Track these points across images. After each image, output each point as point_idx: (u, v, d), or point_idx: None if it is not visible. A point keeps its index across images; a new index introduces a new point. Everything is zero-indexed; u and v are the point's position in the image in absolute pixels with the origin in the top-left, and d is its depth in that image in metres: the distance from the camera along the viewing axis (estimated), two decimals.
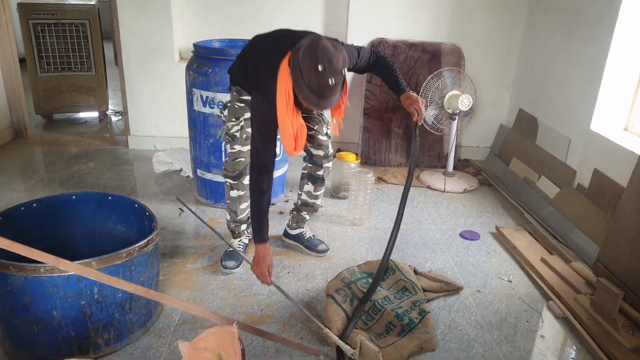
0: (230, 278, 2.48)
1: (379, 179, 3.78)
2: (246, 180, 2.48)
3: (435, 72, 3.62)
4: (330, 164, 2.61)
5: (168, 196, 3.38)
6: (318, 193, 2.66)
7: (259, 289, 2.40)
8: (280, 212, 3.19)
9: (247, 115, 2.34)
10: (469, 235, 3.00)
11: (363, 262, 2.58)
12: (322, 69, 1.77)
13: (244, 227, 2.63)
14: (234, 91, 2.40)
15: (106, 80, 4.99)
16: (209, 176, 3.18)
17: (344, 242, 2.88)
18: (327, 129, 2.52)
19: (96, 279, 1.67)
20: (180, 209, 3.19)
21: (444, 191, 3.65)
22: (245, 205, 2.53)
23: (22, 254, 1.51)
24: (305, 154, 2.61)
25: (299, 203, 2.73)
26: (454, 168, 3.90)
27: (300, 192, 2.70)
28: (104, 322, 1.89)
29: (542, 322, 2.27)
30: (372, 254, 2.74)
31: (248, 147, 2.41)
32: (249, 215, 2.55)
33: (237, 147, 2.41)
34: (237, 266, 2.55)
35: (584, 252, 2.73)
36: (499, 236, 3.01)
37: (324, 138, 2.52)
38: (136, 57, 3.98)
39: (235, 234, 2.66)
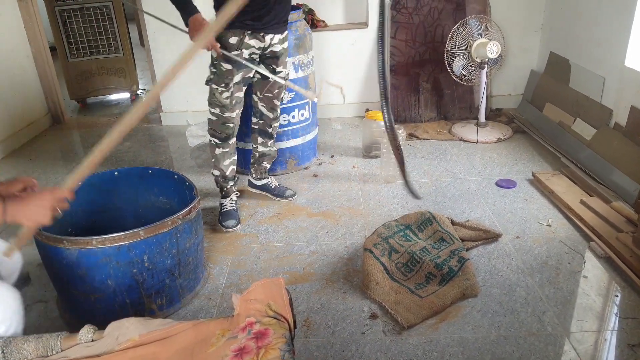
0: (271, 241, 2.55)
1: (410, 135, 3.77)
2: (232, 141, 2.62)
3: (461, 22, 3.55)
4: (277, 124, 2.79)
5: (204, 168, 3.45)
6: (270, 142, 2.82)
7: (300, 249, 2.46)
8: (315, 175, 3.23)
9: (237, 79, 2.41)
10: (505, 184, 2.98)
11: (400, 216, 2.61)
12: None
13: (231, 183, 2.74)
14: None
15: (134, 60, 5.07)
16: (241, 145, 3.22)
17: (378, 199, 2.91)
18: (284, 95, 2.69)
19: None
20: None
21: (477, 142, 3.62)
22: (228, 161, 2.66)
23: None
24: (255, 112, 2.73)
25: (257, 155, 2.86)
26: (486, 118, 3.85)
27: (255, 145, 2.84)
28: (156, 288, 1.99)
29: (584, 263, 2.27)
30: (408, 209, 2.76)
31: (237, 112, 2.51)
32: (234, 171, 2.72)
33: (227, 114, 2.51)
34: (237, 224, 2.66)
35: (624, 191, 2.68)
36: (536, 182, 2.98)
37: (278, 103, 2.66)
38: (160, 34, 4.02)
39: (224, 192, 2.77)
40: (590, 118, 3.20)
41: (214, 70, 2.46)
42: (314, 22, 4.02)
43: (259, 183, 2.95)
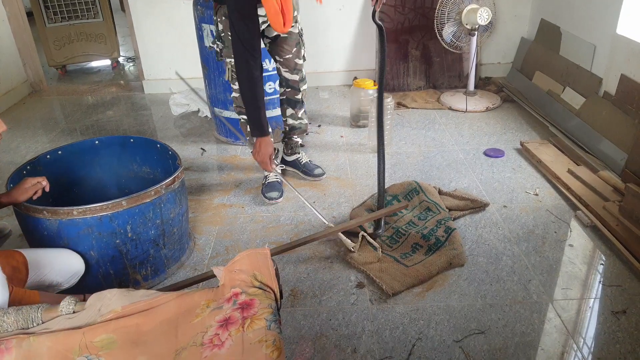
0: (258, 211, 2.52)
1: (399, 104, 3.72)
2: None
3: None
4: (306, 86, 2.62)
5: (188, 137, 3.39)
6: (301, 113, 2.68)
7: (287, 219, 2.44)
8: (302, 145, 3.18)
9: None
10: (493, 153, 2.97)
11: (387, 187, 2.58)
12: None
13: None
14: (221, 14, 2.29)
15: (114, 26, 4.91)
16: (226, 114, 3.17)
17: (366, 169, 2.88)
18: (304, 51, 2.52)
19: None
20: (202, 148, 3.21)
21: (465, 111, 3.58)
22: None
23: None
24: (280, 80, 2.59)
25: (287, 129, 2.74)
26: (475, 87, 3.81)
27: (284, 119, 2.71)
28: (140, 259, 1.96)
29: (571, 231, 2.27)
30: (395, 179, 2.74)
31: None
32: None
33: None
34: (280, 196, 2.59)
35: (612, 160, 2.68)
36: (524, 151, 2.96)
37: (301, 62, 2.50)
38: None
39: None
40: (580, 87, 3.18)
41: (222, 43, 2.34)
42: None
43: (290, 159, 2.83)
